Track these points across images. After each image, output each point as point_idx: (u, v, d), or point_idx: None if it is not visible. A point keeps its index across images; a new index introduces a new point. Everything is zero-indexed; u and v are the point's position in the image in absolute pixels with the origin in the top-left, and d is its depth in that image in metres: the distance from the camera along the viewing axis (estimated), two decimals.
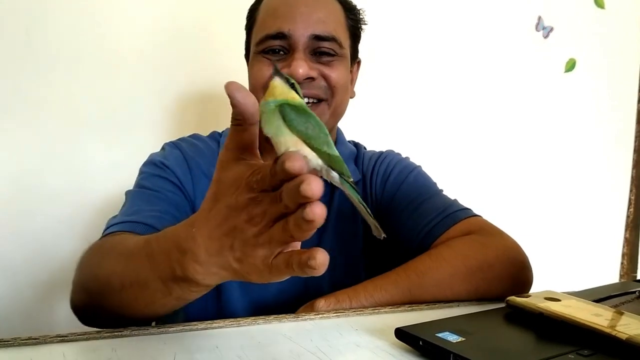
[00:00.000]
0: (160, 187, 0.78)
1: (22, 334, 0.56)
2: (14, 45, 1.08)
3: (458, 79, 1.58)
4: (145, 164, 0.84)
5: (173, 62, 1.21)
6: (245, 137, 0.42)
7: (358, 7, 0.90)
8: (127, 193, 0.80)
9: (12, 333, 0.55)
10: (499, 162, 1.67)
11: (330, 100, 0.84)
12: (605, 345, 0.50)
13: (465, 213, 0.84)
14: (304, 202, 0.36)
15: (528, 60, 1.68)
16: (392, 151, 0.98)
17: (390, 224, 0.89)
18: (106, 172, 1.16)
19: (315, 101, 0.83)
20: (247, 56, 0.91)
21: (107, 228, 0.73)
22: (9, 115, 1.08)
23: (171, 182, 0.80)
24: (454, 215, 0.83)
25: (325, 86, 0.82)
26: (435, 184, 0.93)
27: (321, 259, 0.38)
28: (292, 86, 0.44)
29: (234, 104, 0.40)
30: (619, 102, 1.85)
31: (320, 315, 0.64)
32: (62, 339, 0.53)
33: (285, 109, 0.42)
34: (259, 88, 0.82)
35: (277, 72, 0.45)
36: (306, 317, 0.63)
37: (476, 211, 0.86)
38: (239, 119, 0.41)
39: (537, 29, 1.68)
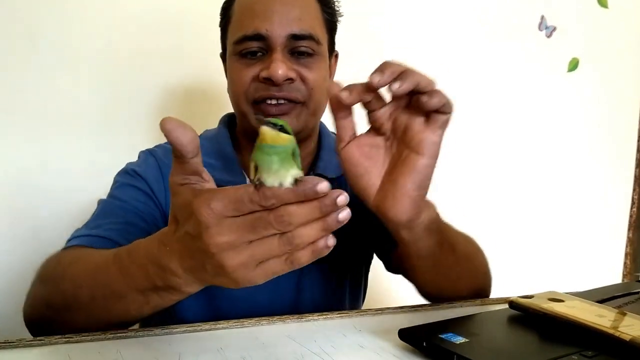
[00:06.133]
0: (130, 196, 0.78)
1: (27, 335, 0.56)
2: (14, 48, 1.08)
3: (460, 77, 1.58)
4: (120, 172, 0.84)
5: (170, 62, 1.21)
6: (187, 168, 0.43)
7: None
8: (99, 202, 0.80)
9: (16, 334, 0.56)
10: (500, 162, 1.66)
11: (308, 102, 0.81)
12: (608, 346, 0.50)
13: None
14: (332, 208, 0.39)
15: (531, 60, 1.67)
16: None
17: None
18: (105, 172, 1.16)
19: (292, 104, 0.80)
20: (222, 55, 0.88)
21: (70, 239, 0.73)
22: (7, 115, 1.09)
23: (142, 192, 0.79)
24: None
25: (303, 88, 0.80)
26: None
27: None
28: (282, 128, 0.43)
29: (171, 142, 0.41)
30: (622, 102, 1.85)
31: (324, 316, 0.64)
32: (67, 339, 0.53)
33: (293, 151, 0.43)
34: (240, 94, 0.80)
35: (265, 122, 0.43)
36: (310, 318, 0.63)
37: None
38: (179, 155, 0.42)
39: (540, 28, 1.68)
